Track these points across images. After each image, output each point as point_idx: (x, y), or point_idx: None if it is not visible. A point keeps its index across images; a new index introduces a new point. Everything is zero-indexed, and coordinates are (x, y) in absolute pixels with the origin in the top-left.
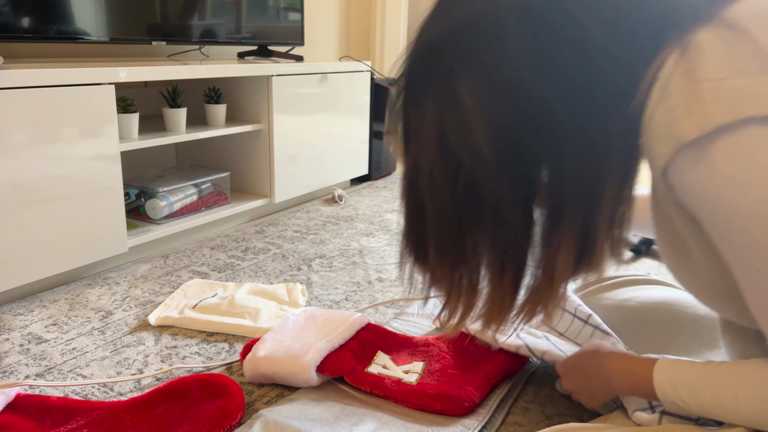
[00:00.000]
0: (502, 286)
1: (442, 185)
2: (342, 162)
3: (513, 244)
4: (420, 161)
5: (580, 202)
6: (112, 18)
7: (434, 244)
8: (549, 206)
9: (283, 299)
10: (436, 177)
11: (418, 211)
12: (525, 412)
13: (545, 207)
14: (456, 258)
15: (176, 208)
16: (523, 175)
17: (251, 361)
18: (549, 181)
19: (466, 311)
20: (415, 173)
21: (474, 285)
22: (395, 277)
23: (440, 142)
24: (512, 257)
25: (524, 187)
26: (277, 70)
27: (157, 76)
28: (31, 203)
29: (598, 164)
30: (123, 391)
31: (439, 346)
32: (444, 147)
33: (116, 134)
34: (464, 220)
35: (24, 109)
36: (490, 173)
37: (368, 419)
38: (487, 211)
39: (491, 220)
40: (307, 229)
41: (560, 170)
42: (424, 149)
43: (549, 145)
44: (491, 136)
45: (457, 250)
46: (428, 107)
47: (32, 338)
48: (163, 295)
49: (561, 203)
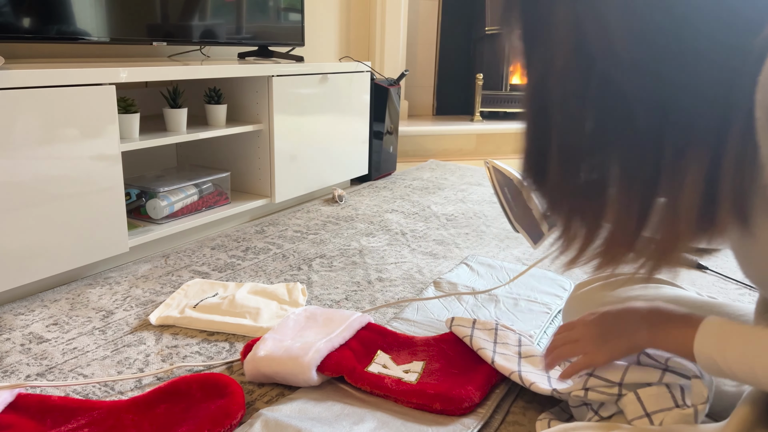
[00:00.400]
0: (628, 214)
1: (574, 89)
2: (342, 162)
3: (643, 163)
4: (550, 63)
5: (708, 133)
6: (112, 18)
7: (558, 157)
8: (678, 130)
9: (283, 299)
10: (568, 79)
11: (543, 122)
12: (525, 412)
13: (674, 130)
14: (580, 177)
15: (177, 208)
16: (658, 84)
17: (252, 360)
18: (681, 100)
19: (585, 243)
20: (544, 77)
21: (597, 212)
22: (395, 277)
23: (575, 40)
24: (641, 180)
25: (658, 98)
26: (278, 71)
27: (158, 77)
28: (33, 203)
29: (729, 94)
30: (124, 390)
31: (439, 346)
32: (578, 46)
33: (117, 134)
34: (593, 130)
35: (25, 109)
36: (626, 74)
37: (368, 419)
38: (619, 118)
39: (622, 130)
40: (307, 228)
41: (693, 89)
42: (556, 49)
43: (685, 57)
44: (629, 36)
45: (582, 166)
46: (560, 4)
47: (33, 338)
48: (163, 294)
49: (690, 130)
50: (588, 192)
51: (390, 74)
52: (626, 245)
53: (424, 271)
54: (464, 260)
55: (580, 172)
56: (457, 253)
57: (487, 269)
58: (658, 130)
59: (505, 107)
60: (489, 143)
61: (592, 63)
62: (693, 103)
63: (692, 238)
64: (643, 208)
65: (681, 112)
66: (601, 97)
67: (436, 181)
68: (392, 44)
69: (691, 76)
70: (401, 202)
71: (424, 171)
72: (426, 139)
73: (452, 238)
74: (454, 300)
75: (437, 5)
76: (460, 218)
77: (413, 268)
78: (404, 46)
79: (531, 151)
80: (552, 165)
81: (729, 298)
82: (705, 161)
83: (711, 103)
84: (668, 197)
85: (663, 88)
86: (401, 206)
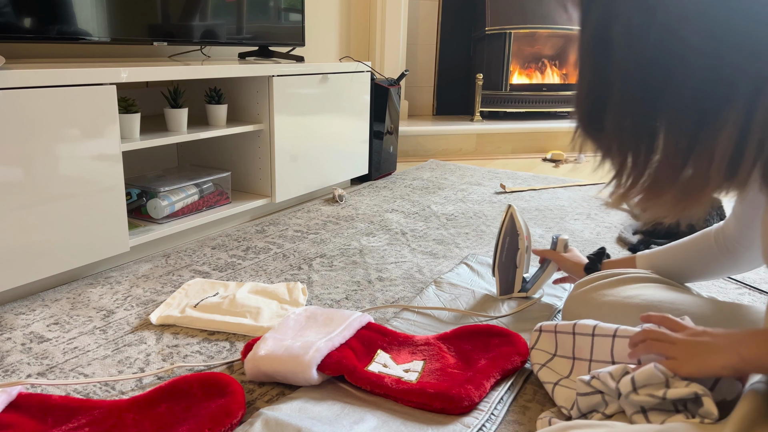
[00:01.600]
0: (675, 151)
1: (638, 34)
2: (342, 162)
3: (691, 108)
4: (615, 8)
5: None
6: (113, 18)
7: (620, 102)
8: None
9: (283, 298)
10: (633, 24)
11: (604, 68)
12: (524, 411)
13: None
14: (638, 124)
15: (177, 207)
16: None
17: (252, 359)
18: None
19: (634, 183)
20: (607, 23)
21: (648, 151)
22: (395, 277)
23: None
24: (688, 123)
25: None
26: (278, 71)
27: (159, 77)
28: (33, 203)
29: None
30: (124, 389)
31: (439, 346)
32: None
33: (118, 134)
34: (653, 77)
35: (26, 109)
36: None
37: (368, 417)
38: (675, 65)
39: (678, 76)
40: (307, 228)
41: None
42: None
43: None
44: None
45: (640, 113)
46: None
47: (34, 337)
48: (164, 294)
49: (734, 85)
50: (641, 134)
51: (390, 74)
52: (671, 181)
53: (424, 270)
54: (464, 260)
55: (639, 120)
56: (457, 253)
57: (487, 269)
58: (708, 80)
59: (505, 107)
60: (489, 143)
61: (655, 11)
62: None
63: (720, 183)
64: (688, 148)
65: (729, 67)
66: (660, 44)
67: (436, 180)
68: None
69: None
70: (401, 202)
71: (424, 171)
72: (426, 139)
73: (452, 238)
74: (454, 299)
75: (437, 5)
76: (460, 218)
77: (413, 268)
78: (404, 46)
79: (589, 99)
80: (611, 111)
81: (728, 298)
82: (741, 115)
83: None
84: (706, 143)
85: (717, 42)
86: (401, 206)
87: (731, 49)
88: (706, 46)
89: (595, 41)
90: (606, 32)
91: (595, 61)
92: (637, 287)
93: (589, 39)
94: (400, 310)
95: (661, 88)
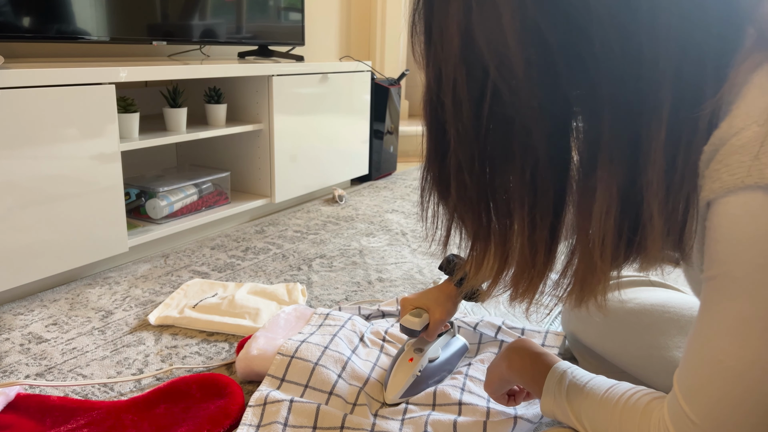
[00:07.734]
0: (533, 239)
1: (466, 98)
2: (342, 162)
3: (545, 186)
4: (442, 68)
5: (619, 158)
6: (112, 18)
7: (456, 171)
8: (582, 152)
9: (283, 299)
10: (459, 88)
11: (439, 132)
12: None
13: (578, 153)
14: (481, 192)
15: (176, 207)
16: (556, 97)
17: (245, 359)
18: (582, 116)
19: (500, 266)
20: (437, 84)
21: (505, 230)
22: (395, 277)
23: (465, 42)
24: (545, 204)
25: (557, 113)
26: (278, 70)
27: (158, 76)
28: (32, 203)
29: (642, 113)
30: (123, 390)
31: None
32: (469, 49)
33: (117, 134)
34: (489, 145)
35: (24, 108)
36: (519, 84)
37: None
38: (514, 135)
39: (519, 148)
40: (307, 229)
41: (595, 105)
42: (447, 52)
43: (583, 65)
44: (521, 37)
45: (482, 181)
46: (454, 2)
47: (32, 338)
48: (163, 294)
49: (595, 151)
50: (493, 208)
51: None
52: (537, 272)
53: (424, 271)
54: None
55: (482, 187)
56: None
57: None
58: (559, 156)
59: None
60: None
61: (486, 73)
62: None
63: (613, 265)
64: (552, 234)
65: (585, 136)
66: (495, 114)
67: None
68: (393, 44)
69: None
70: (401, 202)
71: None
72: None
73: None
74: None
75: None
76: None
77: (413, 269)
78: (405, 46)
79: (431, 163)
80: (453, 178)
81: None
82: (615, 187)
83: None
84: (579, 221)
85: (563, 111)
86: (401, 206)
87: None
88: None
89: (429, 102)
90: (436, 94)
91: (430, 121)
92: (633, 291)
93: (425, 98)
94: None
95: (495, 160)
